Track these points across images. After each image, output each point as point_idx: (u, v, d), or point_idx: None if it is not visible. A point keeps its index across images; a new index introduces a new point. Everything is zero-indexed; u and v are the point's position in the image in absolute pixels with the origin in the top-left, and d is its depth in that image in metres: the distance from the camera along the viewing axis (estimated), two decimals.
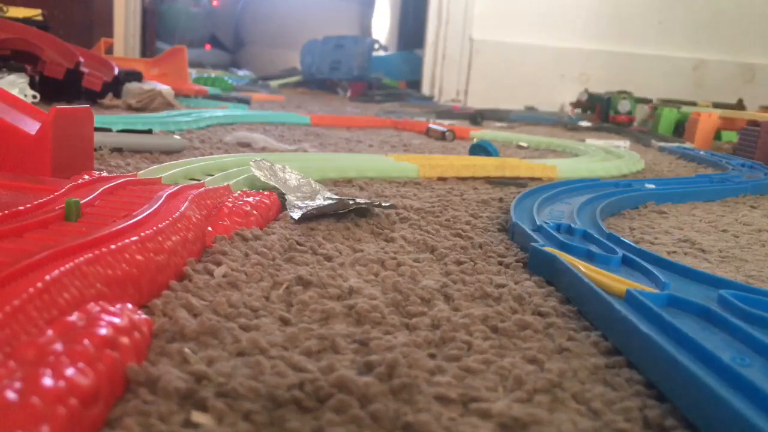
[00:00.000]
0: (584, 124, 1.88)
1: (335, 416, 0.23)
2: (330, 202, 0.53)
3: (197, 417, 0.22)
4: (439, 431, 0.23)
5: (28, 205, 0.37)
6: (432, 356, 0.29)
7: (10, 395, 0.18)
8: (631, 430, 0.24)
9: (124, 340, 0.24)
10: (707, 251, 0.53)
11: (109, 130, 0.82)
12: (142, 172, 0.56)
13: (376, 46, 2.99)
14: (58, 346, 0.21)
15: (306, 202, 0.53)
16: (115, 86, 1.45)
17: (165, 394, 0.23)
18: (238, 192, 0.52)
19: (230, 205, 0.47)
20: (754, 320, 0.31)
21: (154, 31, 2.98)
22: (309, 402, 0.23)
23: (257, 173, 0.57)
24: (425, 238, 0.48)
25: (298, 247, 0.43)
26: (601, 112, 1.97)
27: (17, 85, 1.21)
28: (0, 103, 0.55)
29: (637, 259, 0.40)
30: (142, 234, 0.34)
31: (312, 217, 0.51)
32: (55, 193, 0.41)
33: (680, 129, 1.69)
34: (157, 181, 0.52)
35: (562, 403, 0.25)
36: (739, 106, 1.93)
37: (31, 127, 0.53)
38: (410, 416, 0.23)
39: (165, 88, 1.44)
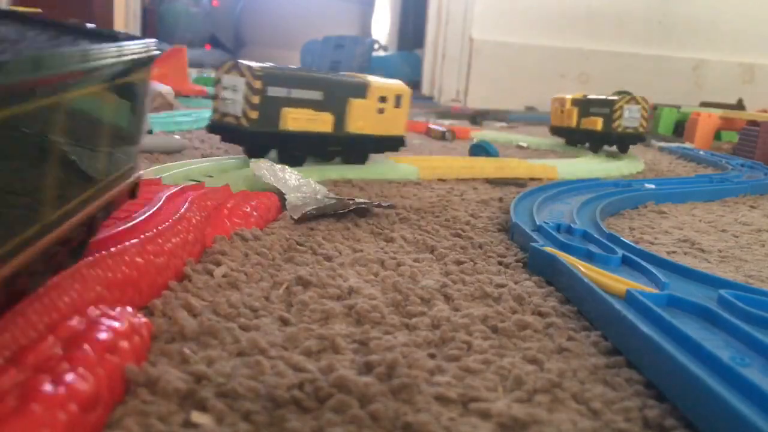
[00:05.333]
0: None
1: (335, 416, 0.23)
2: (330, 202, 0.53)
3: (197, 417, 0.22)
4: (438, 431, 0.23)
5: None
6: (432, 356, 0.29)
7: (11, 401, 0.18)
8: (630, 430, 0.24)
9: (124, 344, 0.24)
10: (707, 251, 0.53)
11: None
12: (142, 172, 0.56)
13: (376, 46, 2.99)
14: (58, 351, 0.21)
15: (306, 202, 0.53)
16: None
17: (165, 394, 0.23)
18: (238, 192, 0.52)
19: (230, 205, 0.47)
20: (754, 320, 0.31)
21: (154, 31, 2.98)
22: (309, 402, 0.23)
23: (257, 173, 0.57)
24: (425, 238, 0.48)
25: (297, 247, 0.43)
26: None
27: None
28: None
29: (637, 259, 0.40)
30: (142, 236, 0.34)
31: (312, 217, 0.51)
32: None
33: (680, 129, 1.69)
34: (157, 181, 0.52)
35: (562, 403, 0.25)
36: (739, 106, 1.94)
37: None
38: (410, 416, 0.23)
39: (165, 88, 1.44)
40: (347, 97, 0.72)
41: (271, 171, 0.59)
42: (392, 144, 0.79)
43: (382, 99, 0.75)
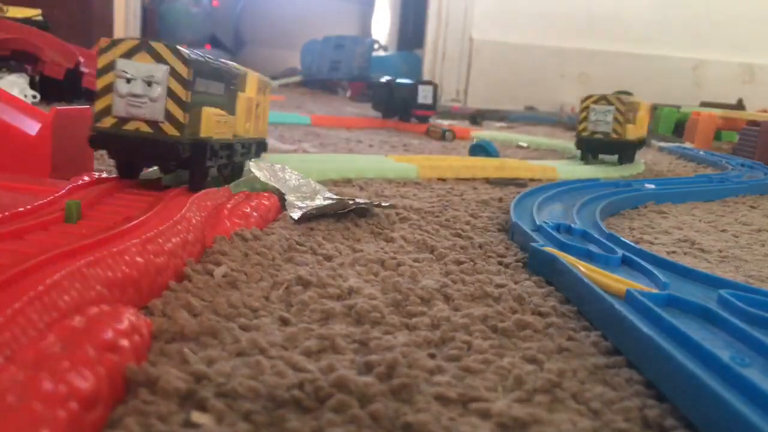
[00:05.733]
0: None
1: (335, 416, 0.23)
2: (330, 202, 0.53)
3: (197, 417, 0.22)
4: (438, 431, 0.23)
5: (28, 207, 0.37)
6: (432, 356, 0.29)
7: (11, 399, 0.18)
8: (630, 430, 0.24)
9: (124, 342, 0.24)
10: (707, 251, 0.53)
11: None
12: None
13: (376, 46, 2.99)
14: (59, 350, 0.22)
15: (306, 202, 0.53)
16: None
17: (165, 394, 0.23)
18: (238, 193, 0.52)
19: (230, 206, 0.47)
20: (754, 320, 0.31)
21: (154, 31, 2.98)
22: (309, 402, 0.23)
23: (257, 174, 0.57)
24: (425, 238, 0.48)
25: (297, 247, 0.43)
26: None
27: (17, 85, 1.21)
28: (0, 104, 0.55)
29: (637, 259, 0.40)
30: (143, 236, 0.34)
31: (312, 217, 0.51)
32: (56, 195, 0.41)
33: (680, 129, 1.69)
34: (158, 181, 0.52)
35: (562, 403, 0.25)
36: (739, 106, 1.94)
37: (31, 127, 0.53)
38: (410, 416, 0.23)
39: None
40: (236, 91, 0.54)
41: (271, 171, 0.59)
42: (261, 148, 0.64)
43: (259, 90, 0.59)
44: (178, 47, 0.45)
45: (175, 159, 0.46)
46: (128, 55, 0.45)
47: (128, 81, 0.45)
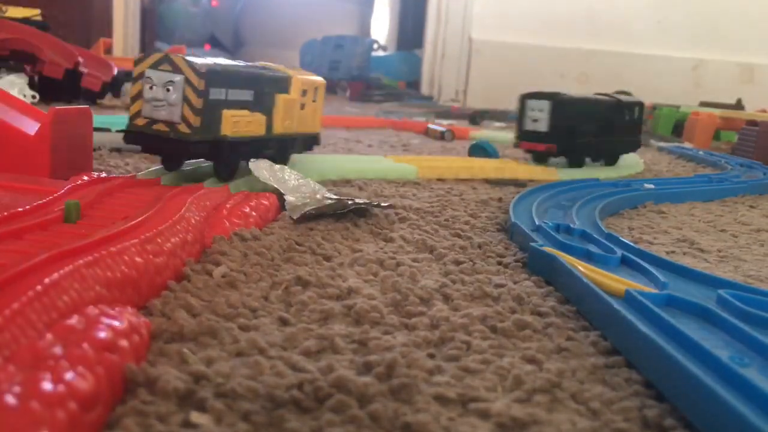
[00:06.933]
0: None
1: (334, 416, 0.23)
2: (329, 202, 0.53)
3: (196, 417, 0.22)
4: (438, 431, 0.23)
5: (28, 207, 0.37)
6: (431, 356, 0.29)
7: (10, 399, 0.18)
8: (629, 430, 0.24)
9: (124, 343, 0.24)
10: (706, 251, 0.53)
11: (108, 130, 0.82)
12: (141, 172, 0.56)
13: (376, 46, 2.99)
14: (58, 350, 0.21)
15: (305, 202, 0.53)
16: (114, 86, 1.45)
17: (164, 394, 0.23)
18: (238, 193, 0.52)
19: (229, 206, 0.47)
20: (753, 320, 0.31)
21: (153, 31, 2.98)
22: (308, 402, 0.23)
23: (256, 174, 0.57)
24: (424, 238, 0.48)
25: (297, 247, 0.43)
26: None
27: (16, 85, 1.21)
28: None
29: (636, 259, 0.40)
30: (142, 236, 0.34)
31: (311, 217, 0.51)
32: (55, 195, 0.41)
33: (679, 129, 1.69)
34: (157, 182, 0.52)
35: (561, 403, 0.25)
36: (738, 106, 1.94)
37: (31, 127, 0.53)
38: (409, 416, 0.23)
39: None
40: None
41: (271, 171, 0.59)
42: None
43: None
44: None
45: None
46: None
47: None
